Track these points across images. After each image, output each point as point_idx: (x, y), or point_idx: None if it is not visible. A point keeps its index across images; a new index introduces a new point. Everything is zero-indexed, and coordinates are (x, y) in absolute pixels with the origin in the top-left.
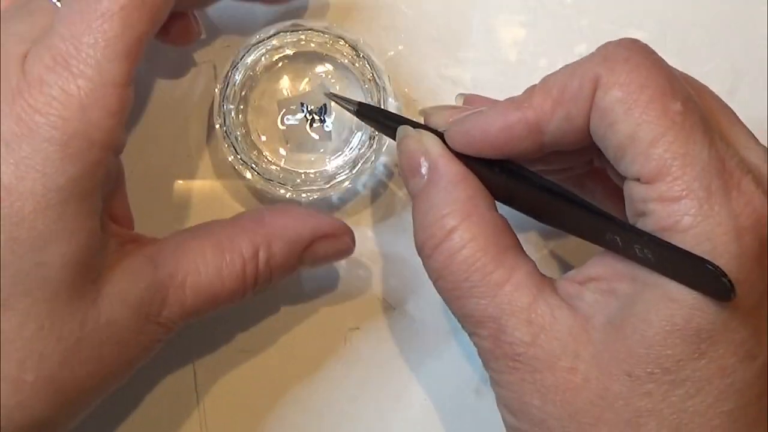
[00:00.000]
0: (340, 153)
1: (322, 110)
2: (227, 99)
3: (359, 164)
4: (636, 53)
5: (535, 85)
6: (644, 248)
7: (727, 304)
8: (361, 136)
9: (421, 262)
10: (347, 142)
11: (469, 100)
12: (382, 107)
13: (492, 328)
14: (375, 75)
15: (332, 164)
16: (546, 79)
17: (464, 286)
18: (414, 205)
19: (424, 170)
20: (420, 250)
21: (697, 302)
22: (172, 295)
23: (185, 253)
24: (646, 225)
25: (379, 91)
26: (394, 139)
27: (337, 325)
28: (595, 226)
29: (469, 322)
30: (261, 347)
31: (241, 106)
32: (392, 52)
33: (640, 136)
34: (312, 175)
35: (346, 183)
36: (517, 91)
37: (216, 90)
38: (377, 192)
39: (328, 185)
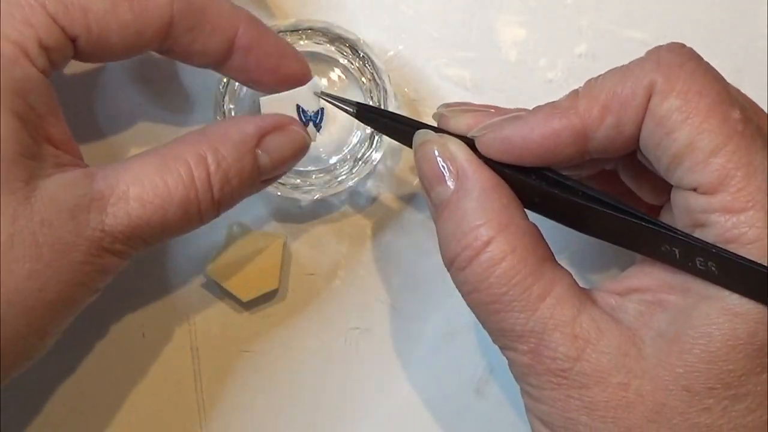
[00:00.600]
0: (339, 153)
1: (318, 115)
2: (227, 99)
3: (359, 164)
4: (689, 59)
5: (577, 90)
6: (708, 260)
7: None
8: (361, 135)
9: (450, 274)
10: (346, 141)
11: (451, 115)
12: (382, 107)
13: (533, 343)
14: (375, 75)
15: (332, 164)
16: (591, 84)
17: (504, 300)
18: (440, 214)
19: (449, 177)
20: (451, 262)
21: (762, 316)
22: (115, 204)
23: (126, 169)
24: (706, 236)
25: (379, 91)
26: (400, 141)
27: (337, 325)
28: (649, 236)
29: (507, 336)
30: (262, 347)
31: (242, 106)
32: (392, 52)
33: (700, 145)
34: (312, 175)
35: (346, 183)
36: (517, 91)
37: (216, 90)
38: (377, 192)
39: (328, 185)
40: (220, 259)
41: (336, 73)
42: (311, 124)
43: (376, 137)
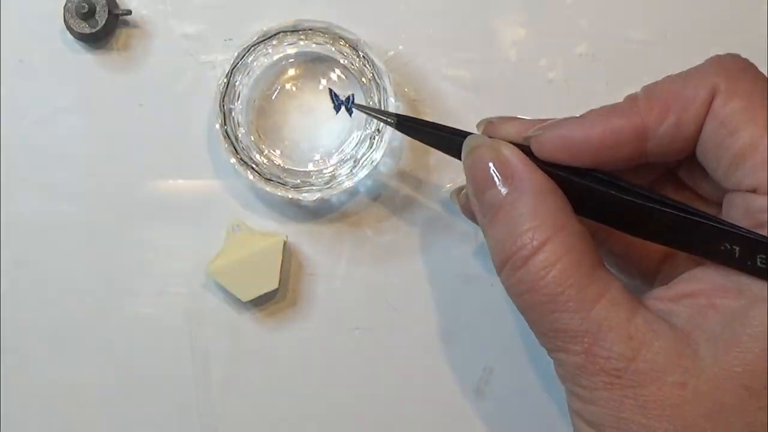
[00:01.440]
0: (340, 153)
1: (350, 100)
2: (228, 99)
3: (359, 164)
4: (750, 66)
5: (635, 93)
6: None
7: None
8: (361, 136)
9: (502, 276)
10: (347, 141)
11: (499, 122)
12: (381, 107)
13: (587, 343)
14: (375, 75)
15: (332, 164)
16: (650, 87)
17: (559, 300)
18: (493, 216)
19: (502, 181)
20: (505, 262)
21: None
22: None
23: None
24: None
25: (380, 91)
26: (440, 149)
27: (337, 325)
28: (710, 234)
29: (560, 337)
30: (262, 347)
31: (242, 106)
32: (392, 52)
33: (762, 146)
34: (312, 175)
35: (346, 183)
36: (517, 91)
37: (217, 90)
38: (377, 192)
39: (328, 185)
40: (220, 259)
41: (336, 73)
42: (342, 107)
43: (376, 138)
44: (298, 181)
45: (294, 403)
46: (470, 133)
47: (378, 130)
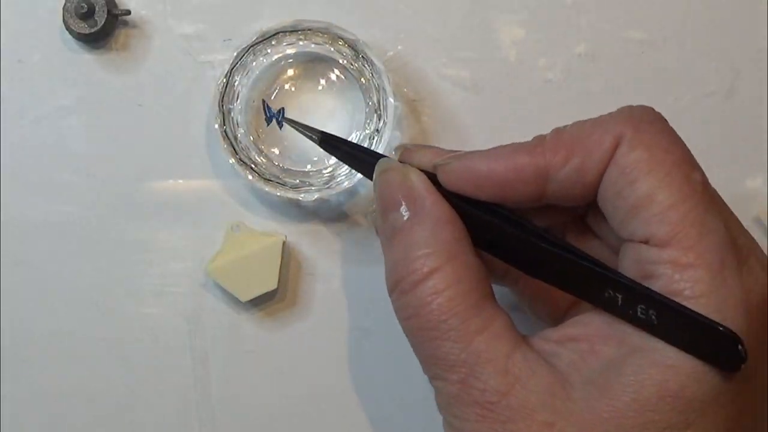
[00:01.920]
0: None
1: (281, 113)
2: (227, 99)
3: None
4: (658, 119)
5: (543, 135)
6: (649, 309)
7: (724, 377)
8: (360, 136)
9: (391, 296)
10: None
11: (415, 149)
12: (380, 107)
13: (463, 373)
14: (374, 75)
15: (331, 164)
16: (559, 130)
17: (441, 328)
18: (391, 239)
19: (405, 206)
20: (395, 285)
21: (695, 371)
22: None
23: None
24: (652, 287)
25: (379, 92)
26: (360, 171)
27: (337, 325)
28: (595, 281)
29: (438, 365)
30: (261, 347)
31: (241, 106)
32: (392, 52)
33: (660, 198)
34: (311, 175)
35: (345, 183)
36: (517, 91)
37: (216, 90)
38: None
39: (327, 185)
40: (220, 259)
41: (335, 74)
42: (274, 120)
43: (375, 137)
44: (297, 181)
45: (293, 403)
46: (386, 157)
47: (377, 130)
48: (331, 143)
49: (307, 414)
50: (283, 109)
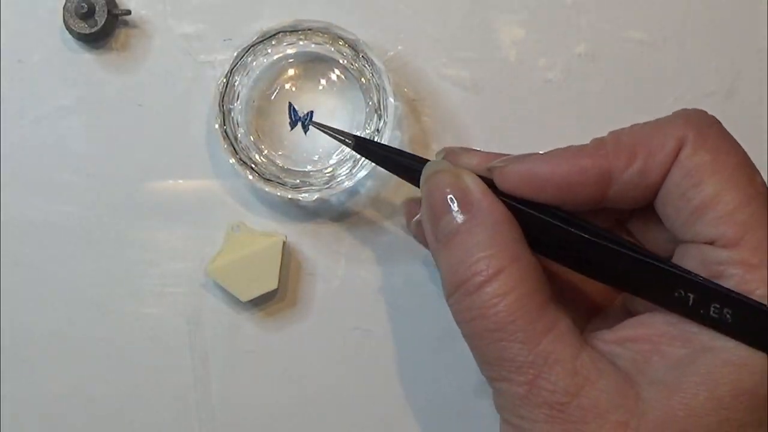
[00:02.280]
0: (339, 153)
1: (308, 117)
2: (227, 99)
3: (359, 164)
4: (716, 123)
5: (602, 138)
6: (724, 308)
7: None
8: (361, 135)
9: (451, 300)
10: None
11: (460, 152)
12: (381, 108)
13: (531, 374)
14: (374, 75)
15: (332, 164)
16: (617, 133)
17: (509, 329)
18: (447, 242)
19: (459, 209)
20: (456, 288)
21: None
22: None
23: None
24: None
25: (379, 91)
26: (396, 173)
27: (337, 325)
28: (666, 280)
29: (504, 366)
30: (262, 347)
31: (241, 106)
32: (392, 52)
33: (726, 199)
34: (312, 175)
35: (346, 183)
36: (517, 91)
37: (216, 90)
38: (377, 192)
39: (328, 185)
40: (220, 259)
41: (336, 74)
42: (299, 124)
43: (376, 137)
44: (298, 181)
45: (293, 403)
46: (428, 160)
47: (377, 130)
48: (366, 147)
49: (307, 414)
50: (311, 112)
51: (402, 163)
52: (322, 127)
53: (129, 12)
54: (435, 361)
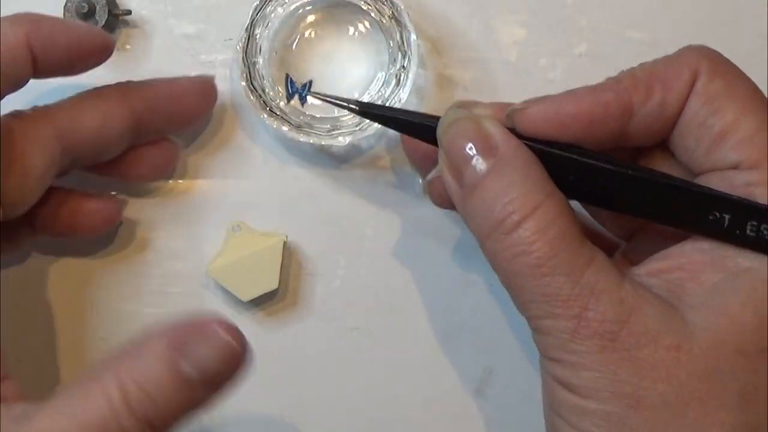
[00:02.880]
0: (367, 94)
1: (305, 88)
2: (250, 52)
3: (387, 103)
4: (722, 55)
5: (616, 76)
6: (761, 224)
7: None
8: (386, 76)
9: (488, 243)
10: (373, 82)
11: (472, 103)
12: (406, 47)
13: (578, 306)
14: (395, 13)
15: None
16: (631, 70)
17: (551, 264)
18: (476, 187)
19: (483, 154)
20: (493, 229)
21: None
22: None
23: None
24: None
25: (401, 29)
26: (407, 133)
27: (337, 326)
28: (700, 203)
29: (549, 302)
30: (262, 347)
31: (263, 60)
32: None
33: (746, 124)
34: (342, 120)
35: (374, 125)
36: (517, 91)
37: (237, 46)
38: (377, 192)
39: (359, 127)
40: (220, 259)
41: (357, 18)
42: (297, 95)
43: (402, 75)
44: (329, 126)
45: (293, 403)
46: (438, 117)
47: (403, 67)
48: (372, 112)
49: (307, 414)
50: (310, 82)
51: (410, 122)
52: (323, 96)
53: (129, 12)
54: (434, 361)
